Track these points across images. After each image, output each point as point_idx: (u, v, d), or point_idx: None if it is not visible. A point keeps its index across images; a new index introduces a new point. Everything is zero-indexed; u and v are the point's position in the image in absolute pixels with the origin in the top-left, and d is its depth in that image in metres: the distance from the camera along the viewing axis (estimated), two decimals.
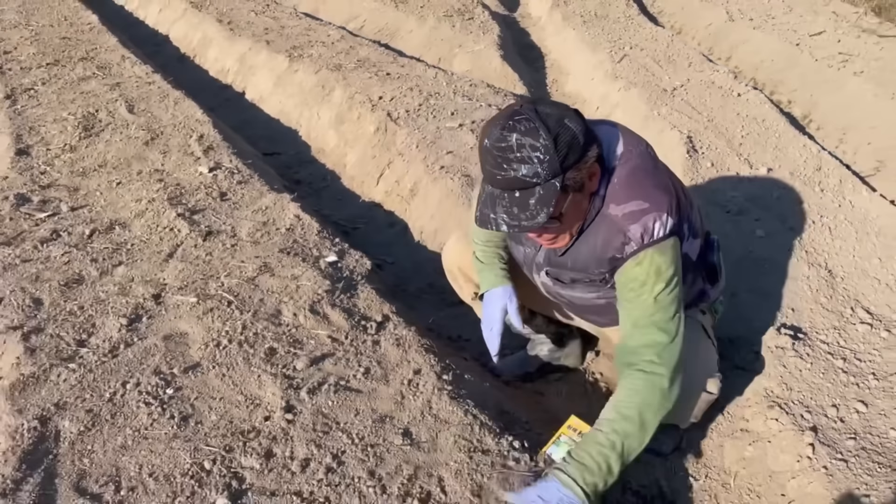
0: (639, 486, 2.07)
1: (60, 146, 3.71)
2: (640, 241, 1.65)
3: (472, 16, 6.19)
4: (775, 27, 6.06)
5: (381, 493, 1.69)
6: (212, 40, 5.97)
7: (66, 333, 2.24)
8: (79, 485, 1.71)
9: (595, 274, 1.78)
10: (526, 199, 1.55)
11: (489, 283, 2.03)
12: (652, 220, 1.65)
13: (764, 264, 2.72)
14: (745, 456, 2.07)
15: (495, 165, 1.54)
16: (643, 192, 1.68)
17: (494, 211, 1.59)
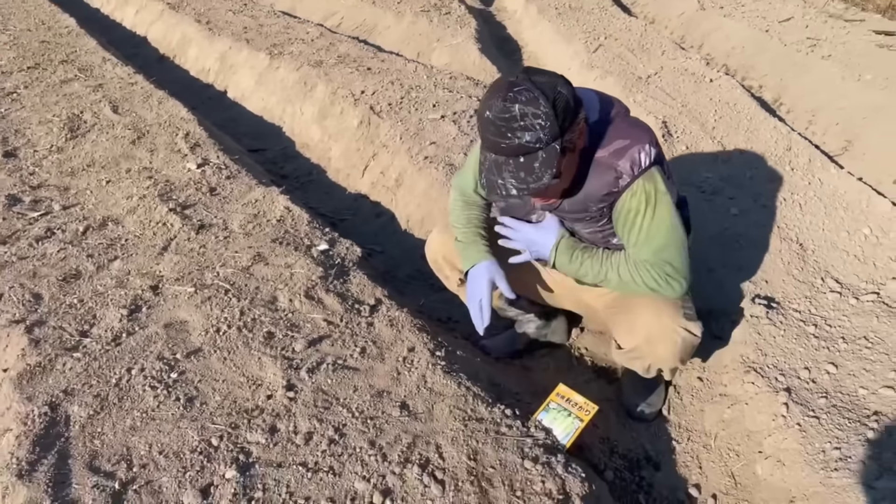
0: (625, 450, 2.18)
1: (47, 147, 3.75)
2: (630, 172, 1.82)
3: (448, 10, 6.28)
4: (745, 15, 6.22)
5: (382, 460, 1.78)
6: (191, 40, 6.00)
7: (68, 325, 2.30)
8: (92, 464, 1.78)
9: (594, 211, 1.92)
10: (531, 163, 1.68)
11: (472, 259, 2.12)
12: (636, 151, 1.82)
13: (738, 240, 2.84)
14: (724, 418, 2.18)
15: (499, 134, 1.66)
16: (623, 132, 1.86)
17: (501, 177, 1.71)
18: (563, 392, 2.03)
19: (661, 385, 2.33)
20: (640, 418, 2.29)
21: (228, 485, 1.71)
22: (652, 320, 1.95)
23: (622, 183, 1.83)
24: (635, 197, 1.85)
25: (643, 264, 1.90)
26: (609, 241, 2.01)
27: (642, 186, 1.84)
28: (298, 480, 1.73)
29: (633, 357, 2.10)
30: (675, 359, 2.02)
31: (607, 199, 1.87)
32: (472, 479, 1.72)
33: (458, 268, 2.31)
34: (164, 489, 1.71)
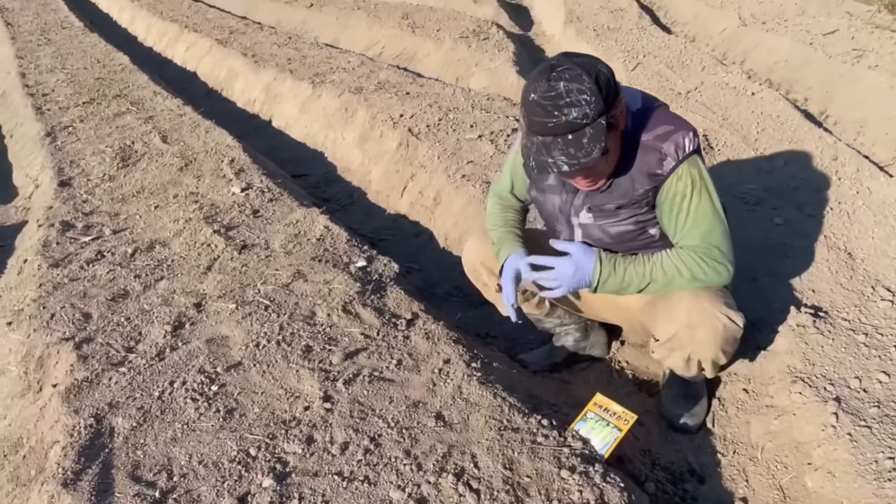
0: (667, 462, 2.13)
1: (100, 176, 3.89)
2: (675, 155, 1.86)
3: (487, 36, 6.35)
4: (788, 29, 6.13)
5: (417, 469, 1.77)
6: (238, 73, 6.19)
7: (114, 342, 2.37)
8: (134, 474, 1.82)
9: (639, 194, 1.93)
10: (579, 139, 1.72)
11: (507, 253, 2.14)
12: (681, 136, 1.87)
13: (783, 249, 2.78)
14: (771, 430, 2.12)
15: (546, 115, 1.70)
16: (666, 119, 1.92)
17: (551, 156, 1.75)
18: (600, 402, 1.99)
19: (703, 396, 2.28)
20: (683, 430, 2.23)
21: (265, 493, 1.73)
22: (692, 305, 1.93)
23: (666, 165, 1.87)
24: (681, 181, 1.88)
25: (688, 252, 1.91)
26: (646, 230, 2.01)
27: (687, 170, 1.88)
28: (334, 489, 1.74)
29: (672, 348, 2.05)
30: (717, 347, 1.98)
31: (652, 182, 1.90)
32: (508, 489, 1.70)
33: (495, 273, 2.32)
34: (202, 498, 1.74)
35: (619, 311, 2.31)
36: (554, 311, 2.45)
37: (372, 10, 7.94)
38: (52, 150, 4.34)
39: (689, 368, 2.08)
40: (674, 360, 2.09)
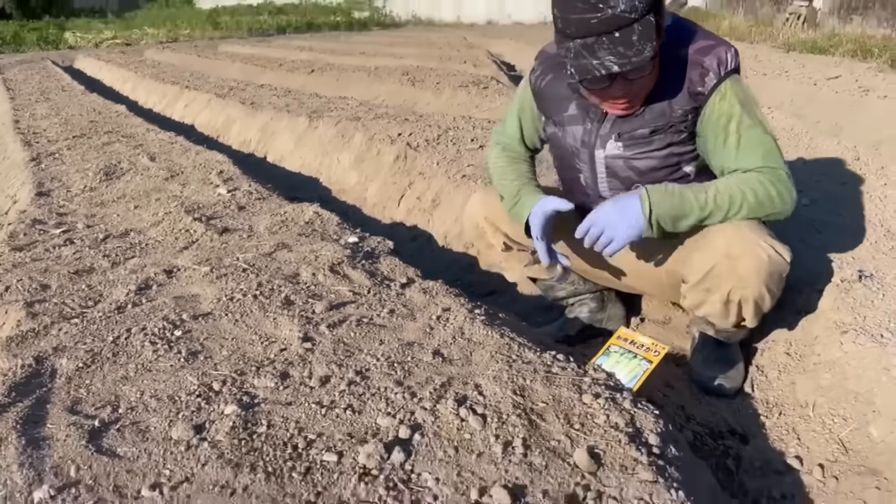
0: (704, 421, 1.82)
1: (81, 188, 3.69)
2: (717, 70, 1.66)
3: (486, 85, 6.33)
4: (791, 77, 6.11)
5: (410, 398, 1.48)
6: (235, 120, 6.11)
7: (70, 301, 2.10)
8: (73, 408, 1.52)
9: (678, 116, 1.71)
10: (628, 35, 1.51)
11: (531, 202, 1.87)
12: (723, 50, 1.67)
13: (814, 225, 2.56)
14: (822, 385, 1.82)
15: (588, 9, 1.49)
16: (705, 34, 1.73)
17: (597, 57, 1.52)
18: (624, 335, 1.72)
19: (740, 360, 1.99)
20: (719, 392, 1.93)
21: (227, 420, 1.43)
22: (733, 234, 1.68)
23: (708, 82, 1.66)
24: (725, 100, 1.67)
25: (752, 173, 1.67)
26: (680, 167, 1.78)
27: (731, 89, 1.68)
28: (311, 416, 1.44)
29: (709, 288, 1.77)
30: (761, 282, 1.70)
31: (692, 101, 1.69)
32: (520, 413, 1.41)
33: (501, 230, 2.08)
34: (151, 428, 1.43)
35: (642, 270, 2.03)
36: (567, 275, 2.19)
37: (372, 71, 7.99)
38: (35, 171, 4.16)
39: (728, 314, 1.80)
40: (710, 306, 1.81)
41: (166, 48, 15.80)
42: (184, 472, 1.29)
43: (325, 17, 20.67)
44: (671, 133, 1.73)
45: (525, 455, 1.30)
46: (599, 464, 1.28)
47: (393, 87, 6.92)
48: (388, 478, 1.25)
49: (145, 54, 14.43)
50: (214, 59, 11.86)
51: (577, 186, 1.96)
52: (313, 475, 1.27)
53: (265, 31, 19.47)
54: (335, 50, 12.15)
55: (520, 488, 1.22)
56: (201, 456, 1.33)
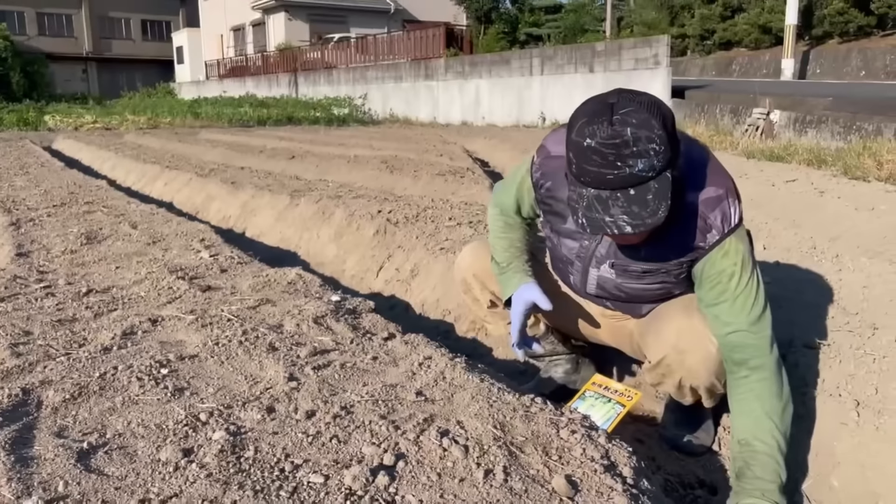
0: (674, 472, 1.88)
1: (61, 250, 3.72)
2: (721, 228, 1.62)
3: (463, 174, 6.56)
4: (750, 178, 6.44)
5: (394, 430, 1.53)
6: (215, 197, 6.22)
7: (55, 343, 2.13)
8: (60, 434, 1.54)
9: (672, 265, 1.72)
10: (643, 195, 1.46)
11: (514, 286, 1.94)
12: (728, 205, 1.63)
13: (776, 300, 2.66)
14: None
15: (606, 164, 1.44)
16: (714, 178, 1.65)
17: (609, 214, 1.48)
18: (599, 381, 1.80)
19: (707, 419, 2.07)
20: (688, 451, 1.99)
21: (215, 445, 1.46)
22: (682, 325, 1.74)
23: (710, 239, 1.64)
24: (728, 258, 1.64)
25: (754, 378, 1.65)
26: (670, 293, 1.84)
27: (735, 246, 1.64)
28: (297, 444, 1.48)
29: (662, 373, 1.84)
30: (710, 374, 1.75)
31: (690, 255, 1.68)
32: (500, 445, 1.46)
33: (489, 288, 2.16)
34: (139, 452, 1.46)
35: (621, 333, 2.12)
36: (548, 334, 2.28)
37: (352, 158, 8.23)
38: (14, 234, 4.19)
39: (683, 395, 1.87)
40: (666, 387, 1.89)
41: (146, 133, 16.08)
42: (172, 490, 1.31)
43: (306, 112, 21.26)
44: (663, 275, 1.77)
45: (506, 481, 1.35)
46: (577, 490, 1.33)
47: (372, 173, 7.13)
48: (373, 498, 1.29)
49: (125, 138, 14.65)
50: (195, 144, 12.10)
51: (566, 279, 2.03)
52: (300, 494, 1.31)
53: (245, 123, 19.92)
54: (315, 140, 12.48)
55: None
56: (189, 475, 1.36)
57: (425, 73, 20.36)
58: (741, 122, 11.87)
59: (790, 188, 5.67)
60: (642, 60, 14.04)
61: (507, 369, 2.60)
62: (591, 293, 1.94)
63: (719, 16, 22.66)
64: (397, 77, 21.49)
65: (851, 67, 18.70)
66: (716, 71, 22.17)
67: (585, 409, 1.70)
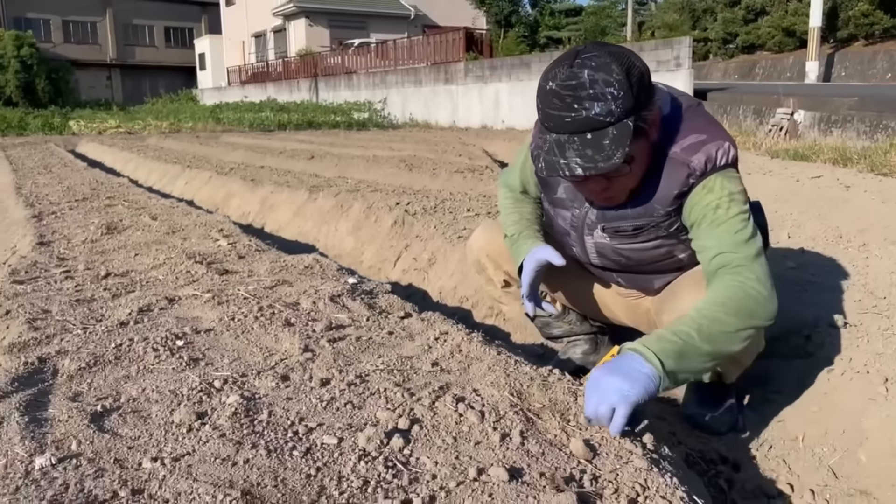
0: (695, 449, 1.84)
1: (82, 240, 3.75)
2: (703, 168, 1.57)
3: (482, 172, 6.54)
4: (774, 175, 6.36)
5: (409, 397, 1.51)
6: (235, 193, 6.25)
7: (73, 320, 2.13)
8: (74, 398, 1.54)
9: (661, 215, 1.67)
10: (599, 139, 1.45)
11: (527, 247, 1.90)
12: (714, 148, 1.58)
13: (800, 283, 2.64)
14: (811, 418, 1.86)
15: (563, 107, 1.45)
16: (699, 127, 1.63)
17: (565, 156, 1.48)
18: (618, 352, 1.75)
19: (731, 398, 2.02)
20: (709, 429, 1.94)
21: (228, 408, 1.45)
22: (698, 296, 1.60)
23: (692, 181, 1.59)
24: (712, 193, 1.58)
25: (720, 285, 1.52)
26: (673, 255, 1.78)
27: (720, 183, 1.58)
28: (311, 409, 1.47)
29: None
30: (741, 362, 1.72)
31: (675, 202, 1.63)
32: (517, 411, 1.44)
33: (502, 268, 2.13)
34: (153, 415, 1.45)
35: (637, 311, 2.09)
36: (566, 313, 2.25)
37: (371, 158, 8.25)
38: (37, 225, 4.23)
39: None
40: None
41: (168, 137, 16.24)
42: (185, 449, 1.30)
43: (326, 117, 21.38)
44: (654, 230, 1.71)
45: (522, 444, 1.32)
46: (595, 453, 1.30)
47: (391, 171, 7.13)
48: (387, 458, 1.27)
49: (147, 141, 14.81)
50: (216, 147, 12.20)
51: (569, 252, 1.98)
52: (314, 454, 1.29)
53: (266, 127, 20.07)
54: (335, 143, 12.53)
55: (517, 470, 1.24)
56: (203, 436, 1.34)
57: (445, 77, 20.40)
58: (764, 123, 11.75)
59: (815, 183, 5.59)
60: (663, 62, 13.95)
61: (526, 353, 2.57)
62: (595, 264, 1.90)
63: (742, 19, 22.48)
64: (417, 81, 21.55)
65: (878, 70, 18.46)
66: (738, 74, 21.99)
67: None
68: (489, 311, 2.87)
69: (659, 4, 28.24)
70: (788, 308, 2.42)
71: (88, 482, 1.19)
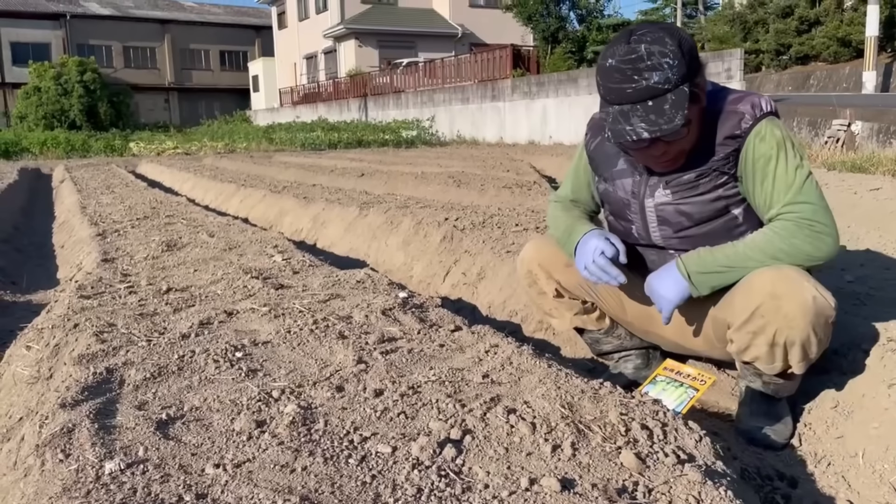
0: (751, 465, 1.81)
1: (143, 256, 3.89)
2: (752, 112, 1.74)
3: (530, 187, 6.55)
4: (831, 187, 6.22)
5: (461, 408, 1.53)
6: (288, 211, 6.39)
7: (137, 332, 2.22)
8: (140, 407, 1.60)
9: (719, 158, 1.79)
10: (661, 105, 1.63)
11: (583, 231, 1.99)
12: (756, 97, 1.78)
13: (859, 297, 2.58)
14: (871, 434, 1.81)
15: (624, 80, 1.63)
16: (737, 91, 1.85)
17: (630, 123, 1.66)
18: (671, 366, 1.76)
19: (787, 413, 1.98)
20: (766, 444, 1.92)
21: (286, 417, 1.49)
22: (775, 275, 1.71)
23: (745, 124, 1.75)
24: (764, 142, 1.74)
25: (783, 222, 1.73)
26: (728, 210, 1.84)
27: (770, 129, 1.75)
28: (365, 419, 1.50)
29: (754, 331, 1.75)
30: (807, 324, 1.68)
31: (731, 144, 1.77)
32: (568, 423, 1.45)
33: (554, 278, 2.15)
34: (214, 423, 1.51)
35: (688, 324, 2.08)
36: (614, 328, 2.25)
37: (419, 175, 8.33)
38: (101, 243, 4.40)
39: (774, 357, 1.78)
40: (756, 349, 1.79)
41: (223, 157, 16.68)
42: (245, 456, 1.35)
43: (375, 135, 21.69)
44: (715, 175, 1.81)
45: (574, 455, 1.34)
46: (646, 465, 1.31)
47: (439, 187, 7.19)
48: (440, 468, 1.30)
49: (204, 161, 15.24)
50: (269, 166, 12.48)
51: (630, 238, 2.03)
52: (368, 462, 1.32)
53: (317, 146, 20.45)
54: (383, 160, 12.71)
55: (569, 481, 1.25)
56: (262, 444, 1.39)
57: (492, 94, 20.49)
58: (820, 135, 11.49)
59: (874, 196, 5.45)
60: (714, 75, 13.77)
61: (576, 367, 2.57)
62: (655, 238, 1.95)
63: (795, 30, 22.03)
64: (464, 99, 21.69)
65: None
66: (792, 86, 21.54)
67: (657, 394, 1.67)
68: (538, 326, 2.88)
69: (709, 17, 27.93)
70: (847, 322, 2.37)
71: (155, 487, 1.25)
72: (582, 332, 2.31)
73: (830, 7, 21.14)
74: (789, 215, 1.73)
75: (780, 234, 1.72)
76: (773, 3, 22.37)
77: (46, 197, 10.17)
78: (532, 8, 23.15)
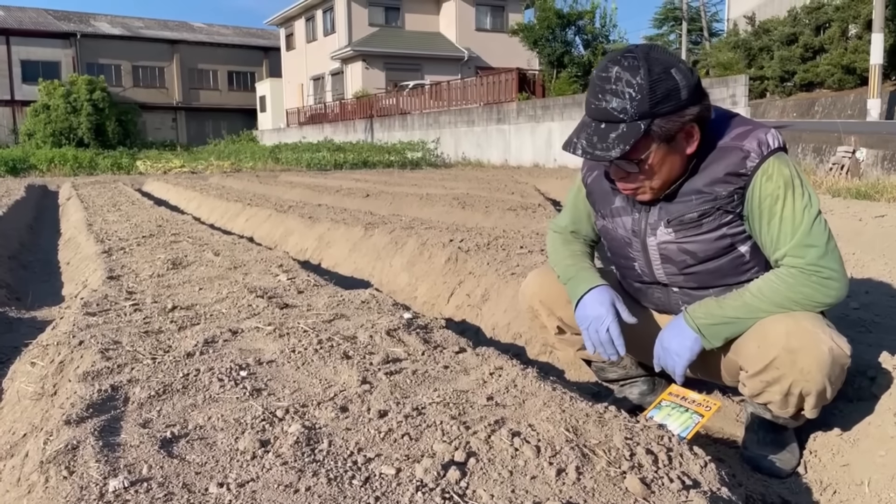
0: (756, 492, 1.80)
1: (149, 274, 3.90)
2: (758, 151, 1.67)
3: (535, 210, 6.57)
4: (836, 214, 6.22)
5: (465, 430, 1.53)
6: (293, 231, 6.42)
7: (142, 350, 2.22)
8: (144, 425, 1.60)
9: (724, 196, 1.72)
10: (608, 131, 1.62)
11: (587, 283, 1.95)
12: (763, 132, 1.70)
13: (864, 324, 2.58)
14: (878, 462, 1.81)
15: (592, 94, 1.64)
16: (744, 122, 1.77)
17: (578, 136, 1.68)
18: (676, 391, 1.75)
19: (793, 441, 1.97)
20: (771, 472, 1.90)
21: (290, 437, 1.49)
22: (791, 326, 1.66)
23: (750, 164, 1.67)
24: (771, 181, 1.66)
25: (789, 270, 1.67)
26: (735, 247, 1.79)
27: (777, 168, 1.67)
28: (369, 440, 1.50)
29: (768, 380, 1.72)
30: (823, 376, 1.65)
31: (737, 182, 1.69)
32: (573, 447, 1.44)
33: (556, 314, 2.13)
34: (219, 442, 1.50)
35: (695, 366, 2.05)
36: (620, 358, 2.23)
37: (424, 196, 8.36)
38: (106, 260, 4.41)
39: (787, 405, 1.76)
40: (770, 395, 1.76)
41: (230, 176, 16.76)
42: (249, 475, 1.35)
43: (380, 156, 21.80)
44: (719, 215, 1.74)
45: (578, 479, 1.33)
46: (651, 491, 1.30)
47: (444, 208, 7.22)
48: (444, 490, 1.29)
49: (210, 180, 15.32)
50: (275, 186, 12.55)
51: (631, 274, 2.00)
52: (372, 483, 1.32)
53: (323, 167, 20.55)
54: (389, 181, 12.76)
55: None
56: (266, 463, 1.39)
57: (497, 117, 20.60)
58: (824, 162, 11.51)
59: (879, 223, 5.45)
60: (719, 101, 13.84)
61: (581, 390, 2.56)
62: (659, 276, 1.91)
63: (800, 57, 22.18)
64: (469, 121, 21.81)
65: None
66: (797, 113, 21.62)
67: (661, 418, 1.66)
68: (543, 349, 2.88)
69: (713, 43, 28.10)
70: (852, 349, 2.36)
71: None
72: (589, 363, 2.30)
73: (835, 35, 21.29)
74: (796, 260, 1.67)
75: (787, 283, 1.68)
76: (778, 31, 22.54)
77: (53, 214, 10.23)
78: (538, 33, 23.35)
